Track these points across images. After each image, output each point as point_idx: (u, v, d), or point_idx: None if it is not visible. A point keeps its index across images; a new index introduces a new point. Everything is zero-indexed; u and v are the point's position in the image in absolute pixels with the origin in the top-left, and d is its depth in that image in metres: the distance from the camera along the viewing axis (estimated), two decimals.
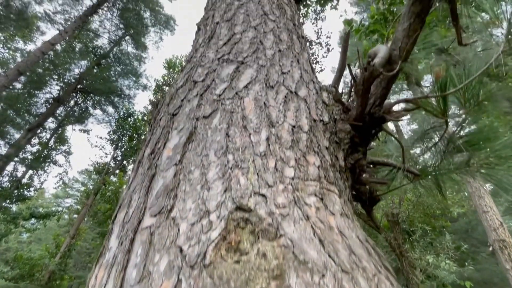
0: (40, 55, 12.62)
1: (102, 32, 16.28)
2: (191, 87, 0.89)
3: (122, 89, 15.29)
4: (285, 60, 1.05)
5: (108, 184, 13.80)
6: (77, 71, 15.39)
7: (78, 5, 15.12)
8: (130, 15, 15.32)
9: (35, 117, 14.95)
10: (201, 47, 1.20)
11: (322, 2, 7.48)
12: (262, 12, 1.30)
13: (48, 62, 14.55)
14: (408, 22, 0.81)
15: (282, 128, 0.76)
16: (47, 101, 15.29)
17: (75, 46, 15.63)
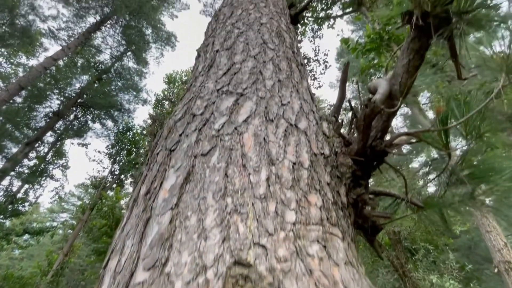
0: (42, 70, 12.79)
1: (104, 48, 16.61)
2: (190, 120, 0.87)
3: (122, 104, 15.40)
4: (285, 90, 1.05)
5: (105, 198, 13.58)
6: (78, 86, 15.55)
7: (82, 22, 15.51)
8: (132, 32, 15.69)
9: (34, 131, 14.93)
10: (200, 75, 1.20)
11: (319, 22, 7.71)
12: (261, 41, 1.31)
13: (50, 76, 14.72)
14: (407, 58, 0.81)
15: (283, 166, 0.74)
16: (46, 115, 15.34)
17: (77, 61, 15.89)
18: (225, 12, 1.78)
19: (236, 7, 1.75)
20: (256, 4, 1.77)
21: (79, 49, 15.14)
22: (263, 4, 1.83)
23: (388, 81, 0.87)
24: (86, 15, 15.06)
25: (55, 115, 14.85)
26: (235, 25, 1.50)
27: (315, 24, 8.16)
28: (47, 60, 12.83)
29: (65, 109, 14.90)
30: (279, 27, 1.55)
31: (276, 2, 2.14)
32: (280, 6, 2.17)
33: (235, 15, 1.63)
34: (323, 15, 7.99)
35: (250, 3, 1.79)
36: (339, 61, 20.20)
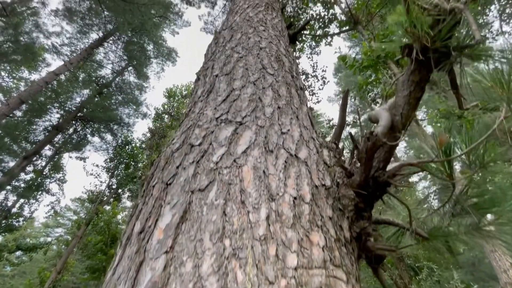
0: (43, 85, 12.91)
1: (106, 63, 16.88)
2: (188, 151, 0.85)
3: (122, 117, 15.46)
4: (284, 117, 1.04)
5: (101, 213, 13.34)
6: (79, 100, 15.67)
7: (85, 38, 15.83)
8: (134, 48, 16.01)
9: (32, 144, 14.88)
10: (199, 101, 1.19)
11: (317, 39, 7.90)
12: (260, 66, 1.32)
13: (51, 90, 14.85)
14: (408, 90, 0.81)
15: (283, 201, 0.71)
16: (46, 128, 15.34)
17: (79, 75, 16.09)
18: (225, 35, 1.81)
19: (235, 31, 1.78)
20: (255, 28, 1.80)
21: (81, 64, 15.38)
22: (262, 27, 1.87)
23: (389, 111, 0.86)
24: (89, 32, 15.40)
25: (54, 129, 14.85)
26: (235, 49, 1.51)
27: (313, 41, 8.36)
28: (49, 75, 12.99)
29: (64, 123, 14.93)
30: (278, 51, 1.57)
31: (275, 25, 2.18)
32: (279, 28, 2.21)
33: (234, 39, 1.66)
34: (321, 33, 8.20)
35: (249, 26, 1.82)
36: (336, 76, 20.56)
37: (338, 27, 7.65)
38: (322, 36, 7.82)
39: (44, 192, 14.27)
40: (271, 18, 2.25)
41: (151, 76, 16.94)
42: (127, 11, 12.27)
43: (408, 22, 0.72)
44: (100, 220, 13.19)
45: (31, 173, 15.10)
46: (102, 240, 12.17)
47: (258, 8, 2.28)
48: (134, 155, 14.62)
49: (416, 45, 0.74)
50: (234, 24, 1.98)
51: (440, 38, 0.71)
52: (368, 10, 7.48)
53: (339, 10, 8.12)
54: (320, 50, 9.77)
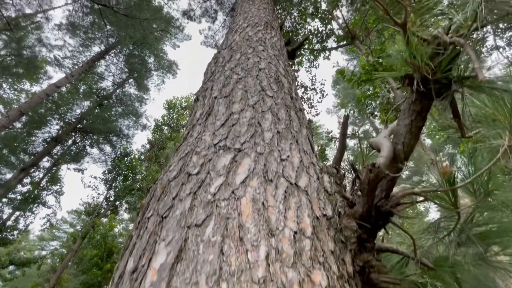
0: (44, 97, 12.99)
1: (107, 75, 17.06)
2: (185, 180, 0.83)
3: (121, 129, 15.48)
4: (284, 143, 1.02)
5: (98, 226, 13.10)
6: (79, 111, 15.73)
7: (87, 51, 16.07)
8: (135, 60, 16.24)
9: (30, 155, 14.81)
10: (198, 124, 1.18)
11: (315, 54, 8.03)
12: (260, 88, 1.32)
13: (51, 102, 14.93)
14: (409, 119, 0.80)
15: (283, 237, 0.68)
16: (44, 140, 15.31)
17: (80, 87, 16.22)
18: (225, 55, 1.82)
19: (235, 51, 1.80)
20: (254, 48, 1.81)
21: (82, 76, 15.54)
22: (261, 47, 1.88)
23: (390, 140, 0.84)
24: (92, 45, 15.66)
25: (53, 141, 14.83)
26: (234, 70, 1.52)
27: (311, 56, 8.49)
28: (50, 87, 13.10)
29: (64, 134, 14.92)
30: (277, 72, 1.58)
31: (274, 43, 2.21)
32: (278, 47, 2.24)
33: (234, 59, 1.67)
34: (319, 47, 8.35)
35: (248, 46, 1.84)
36: (335, 88, 20.79)
37: (336, 42, 7.80)
38: (320, 50, 7.96)
39: (41, 205, 14.07)
40: (270, 37, 2.28)
41: (152, 88, 17.10)
42: (129, 26, 12.52)
43: (408, 53, 0.72)
44: (96, 233, 12.94)
45: (28, 185, 14.95)
46: (98, 254, 11.89)
47: (257, 27, 2.32)
48: (132, 166, 14.53)
49: (416, 76, 0.73)
50: (233, 43, 2.00)
51: (440, 70, 0.70)
52: (365, 25, 7.65)
53: (336, 25, 8.31)
54: (319, 63, 9.93)
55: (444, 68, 0.70)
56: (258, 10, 2.89)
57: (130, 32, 13.16)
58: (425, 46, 0.72)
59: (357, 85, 6.19)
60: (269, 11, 3.10)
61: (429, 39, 0.72)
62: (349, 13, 9.12)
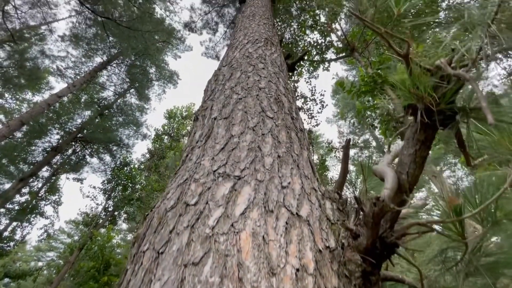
0: (45, 107, 13.05)
1: (109, 85, 17.20)
2: (182, 211, 0.80)
3: (122, 138, 15.49)
4: (285, 168, 1.00)
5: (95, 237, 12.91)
6: (79, 121, 15.78)
7: (89, 62, 16.27)
8: (137, 71, 16.42)
9: (30, 165, 14.76)
10: (197, 147, 1.16)
11: (314, 65, 8.12)
12: (260, 109, 1.31)
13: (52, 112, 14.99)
14: (413, 148, 0.78)
15: (285, 276, 0.65)
16: (44, 149, 15.29)
17: (81, 97, 16.33)
18: (225, 72, 1.82)
19: (235, 69, 1.80)
20: (254, 66, 1.82)
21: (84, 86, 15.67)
22: (262, 65, 1.89)
23: (394, 168, 0.82)
24: (94, 55, 15.87)
25: (53, 150, 14.81)
26: (234, 89, 1.51)
27: (311, 67, 8.58)
28: (52, 97, 13.18)
29: (64, 144, 14.92)
30: (278, 91, 1.57)
31: (274, 60, 2.22)
32: (278, 63, 2.24)
33: (234, 78, 1.66)
34: (318, 58, 8.44)
35: (249, 64, 1.84)
36: (334, 98, 20.92)
37: (335, 53, 7.89)
38: (320, 61, 8.05)
39: (38, 215, 13.92)
40: (270, 53, 2.29)
41: (152, 97, 17.21)
42: (131, 37, 12.72)
43: (411, 83, 0.71)
44: (94, 244, 12.75)
45: (27, 195, 14.85)
46: (95, 266, 11.67)
47: (257, 44, 2.34)
48: (132, 176, 14.46)
49: (420, 106, 0.72)
50: (234, 60, 2.01)
51: (444, 101, 0.68)
52: (363, 37, 7.76)
53: (335, 37, 8.42)
54: (318, 74, 10.01)
55: (448, 99, 0.68)
56: (258, 25, 2.92)
57: (132, 43, 13.35)
58: (428, 76, 0.71)
59: (357, 96, 6.22)
60: (269, 27, 3.14)
61: (432, 69, 0.71)
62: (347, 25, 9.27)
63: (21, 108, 16.49)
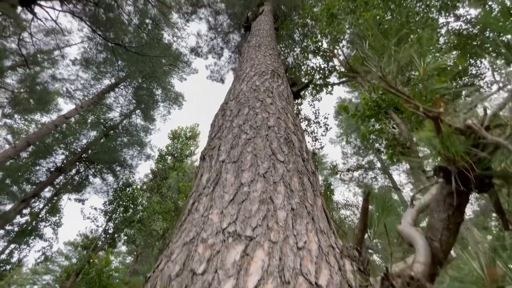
0: (52, 128, 13.26)
1: (115, 106, 17.57)
2: (189, 282, 0.72)
3: (125, 159, 15.52)
4: (299, 223, 0.92)
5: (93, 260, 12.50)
6: (85, 141, 15.93)
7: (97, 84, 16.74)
8: (143, 92, 16.81)
9: (33, 185, 14.72)
10: (204, 194, 1.09)
11: (318, 89, 8.23)
12: (270, 152, 1.25)
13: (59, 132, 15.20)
14: (446, 213, 0.70)
15: None
16: (48, 169, 15.32)
17: (88, 118, 16.61)
18: (232, 108, 1.80)
19: (243, 104, 1.78)
20: (262, 101, 1.79)
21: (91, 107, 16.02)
22: (270, 99, 1.87)
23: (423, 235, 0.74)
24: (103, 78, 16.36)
25: (57, 170, 14.84)
26: (242, 128, 1.47)
27: (314, 90, 8.69)
28: (59, 118, 13.44)
29: (68, 164, 14.97)
30: (287, 129, 1.53)
31: (281, 92, 2.21)
32: (285, 95, 2.23)
33: (242, 114, 1.63)
34: (321, 82, 8.57)
35: (256, 99, 1.82)
36: (337, 119, 21.02)
37: (338, 78, 8.01)
38: (323, 85, 8.16)
39: (37, 237, 13.64)
40: (277, 86, 2.29)
41: (157, 118, 17.46)
42: (139, 61, 13.17)
43: (441, 144, 0.65)
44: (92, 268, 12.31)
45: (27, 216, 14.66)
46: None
47: (264, 76, 2.34)
48: (134, 197, 14.28)
49: (452, 169, 0.65)
50: (241, 94, 2.00)
51: (481, 167, 0.62)
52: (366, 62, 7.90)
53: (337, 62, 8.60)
54: (321, 96, 10.13)
55: (485, 165, 0.62)
56: (264, 56, 2.96)
57: (140, 67, 13.81)
58: (459, 138, 0.65)
59: (361, 120, 6.20)
60: (275, 57, 3.18)
61: (463, 130, 0.65)
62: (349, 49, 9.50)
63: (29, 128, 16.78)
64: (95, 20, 11.42)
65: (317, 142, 8.32)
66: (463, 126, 0.66)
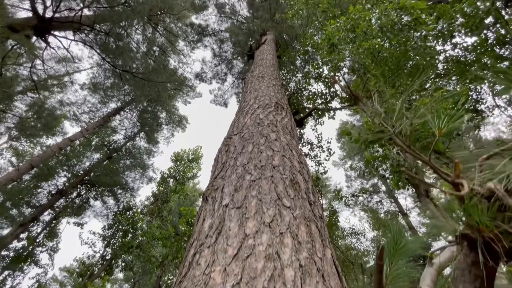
0: (57, 150, 13.36)
1: (120, 129, 17.81)
2: None
3: (127, 181, 15.42)
4: (309, 284, 0.85)
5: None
6: (88, 164, 15.96)
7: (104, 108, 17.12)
8: (148, 115, 17.11)
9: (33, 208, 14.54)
10: (206, 246, 1.03)
11: (320, 113, 8.30)
12: (275, 196, 1.20)
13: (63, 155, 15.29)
14: (472, 285, 0.63)
15: None
16: (49, 192, 15.20)
17: (92, 140, 16.78)
18: (236, 144, 1.78)
19: (247, 140, 1.76)
20: (267, 137, 1.78)
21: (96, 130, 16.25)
22: (274, 135, 1.85)
23: None
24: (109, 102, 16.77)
25: (58, 193, 14.73)
26: (246, 167, 1.43)
27: (316, 115, 8.77)
28: (64, 141, 13.59)
29: (69, 187, 14.88)
30: (292, 168, 1.49)
31: (285, 125, 2.20)
32: (289, 128, 2.22)
33: (246, 152, 1.61)
34: (323, 107, 8.66)
35: (261, 135, 1.81)
36: (340, 141, 21.01)
37: (339, 103, 8.11)
38: (325, 110, 8.24)
39: (33, 263, 13.21)
40: (281, 119, 2.28)
41: (161, 141, 17.58)
42: (145, 86, 13.57)
43: (464, 212, 0.60)
44: None
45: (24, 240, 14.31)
46: None
47: (268, 109, 2.35)
48: (134, 221, 13.98)
49: (478, 238, 0.60)
50: (245, 128, 1.99)
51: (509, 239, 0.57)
52: (366, 88, 8.04)
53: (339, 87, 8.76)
54: (324, 120, 10.20)
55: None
56: (267, 87, 3.01)
57: (146, 91, 14.19)
58: (482, 203, 0.60)
59: (365, 146, 6.16)
60: (278, 88, 3.23)
61: (486, 194, 0.61)
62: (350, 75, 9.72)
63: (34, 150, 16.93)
64: (105, 48, 11.95)
65: (320, 166, 8.23)
66: (485, 191, 0.61)
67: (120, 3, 11.32)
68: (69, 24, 10.27)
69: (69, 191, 15.19)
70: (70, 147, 15.26)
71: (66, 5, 10.55)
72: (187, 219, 11.90)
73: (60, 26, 10.28)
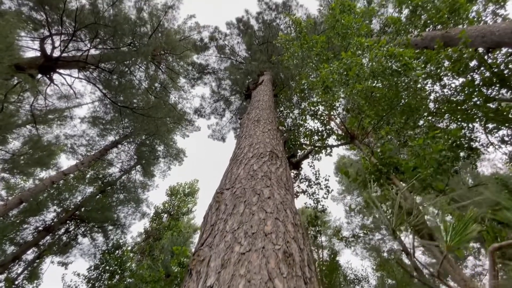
0: (49, 185, 13.03)
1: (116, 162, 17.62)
2: None
3: (119, 217, 14.81)
4: None
5: None
6: (80, 198, 15.46)
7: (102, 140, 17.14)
8: (145, 149, 17.09)
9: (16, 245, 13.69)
10: None
11: (317, 150, 8.32)
12: (266, 276, 1.08)
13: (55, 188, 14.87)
14: None
15: None
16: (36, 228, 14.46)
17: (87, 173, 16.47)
18: (227, 202, 1.69)
19: (238, 198, 1.67)
20: (259, 195, 1.70)
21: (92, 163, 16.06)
22: (267, 191, 1.77)
23: None
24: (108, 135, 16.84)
25: (45, 230, 14.01)
26: (236, 234, 1.33)
27: (313, 151, 8.78)
28: (58, 174, 13.33)
29: (57, 223, 14.21)
30: (286, 234, 1.38)
31: (279, 177, 2.13)
32: (284, 180, 2.15)
33: (237, 213, 1.51)
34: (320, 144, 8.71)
35: (253, 192, 1.73)
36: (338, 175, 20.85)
37: (336, 140, 8.18)
38: (322, 147, 8.27)
39: None
40: (275, 169, 2.23)
41: (157, 174, 17.32)
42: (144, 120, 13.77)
43: None
44: None
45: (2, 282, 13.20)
46: None
47: (262, 159, 2.31)
48: (122, 261, 13.10)
49: None
50: (237, 182, 1.92)
51: None
52: (361, 126, 8.18)
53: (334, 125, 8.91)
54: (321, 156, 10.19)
55: None
56: (263, 133, 3.00)
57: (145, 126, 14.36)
58: None
59: (363, 185, 6.05)
60: (273, 133, 3.23)
61: None
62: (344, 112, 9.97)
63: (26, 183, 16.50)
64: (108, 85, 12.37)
65: (319, 204, 8.00)
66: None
67: (126, 44, 12.00)
68: (75, 63, 10.74)
69: (57, 227, 14.46)
70: (64, 180, 14.90)
71: (75, 46, 11.14)
72: (179, 260, 11.18)
73: (66, 64, 10.74)
